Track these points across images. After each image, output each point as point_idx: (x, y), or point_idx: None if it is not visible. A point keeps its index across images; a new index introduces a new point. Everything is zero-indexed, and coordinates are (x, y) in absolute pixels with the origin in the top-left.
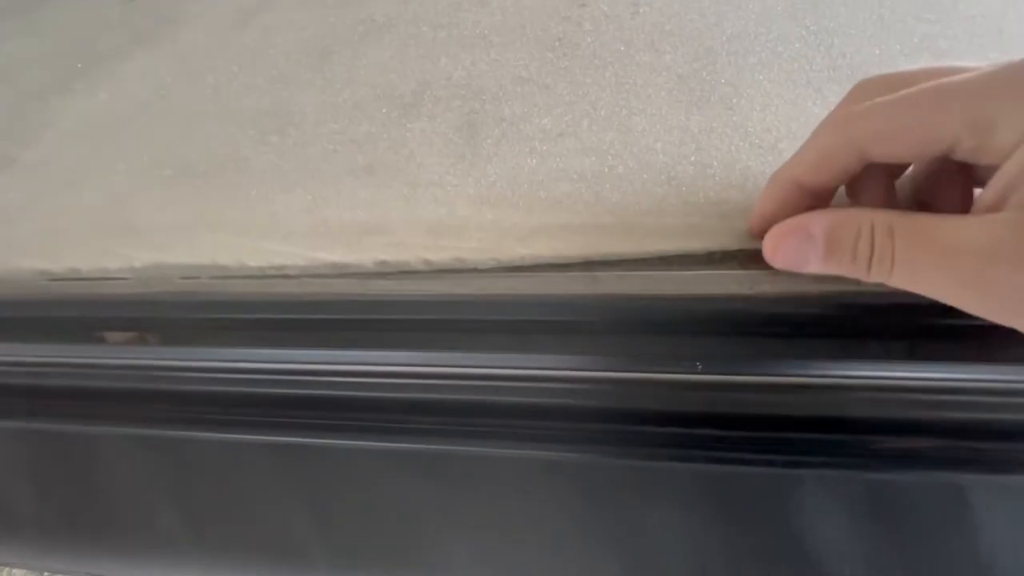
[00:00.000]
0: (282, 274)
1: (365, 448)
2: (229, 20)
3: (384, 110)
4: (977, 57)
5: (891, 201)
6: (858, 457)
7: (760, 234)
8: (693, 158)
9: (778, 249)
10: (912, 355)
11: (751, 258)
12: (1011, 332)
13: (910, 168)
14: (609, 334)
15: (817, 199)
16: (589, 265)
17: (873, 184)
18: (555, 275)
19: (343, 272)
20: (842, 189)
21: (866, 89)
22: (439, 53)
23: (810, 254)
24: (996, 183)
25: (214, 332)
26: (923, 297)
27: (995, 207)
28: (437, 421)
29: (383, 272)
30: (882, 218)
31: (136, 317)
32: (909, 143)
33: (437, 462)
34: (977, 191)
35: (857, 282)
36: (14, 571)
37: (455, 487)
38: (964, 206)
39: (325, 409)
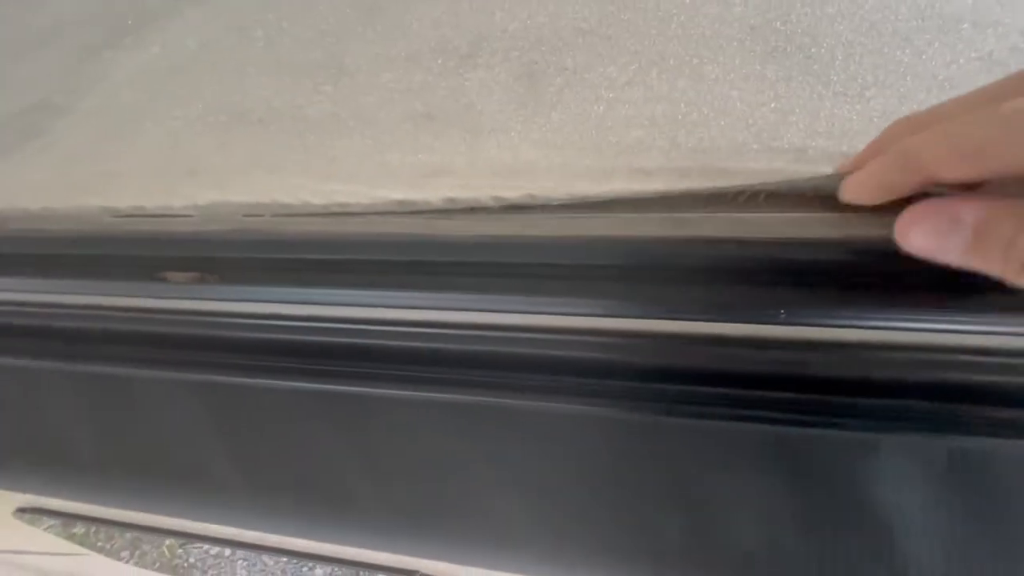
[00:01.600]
0: (346, 212)
1: (417, 398)
2: None
3: (440, 61)
4: None
5: None
6: (949, 423)
7: (855, 167)
8: (773, 105)
9: (913, 229)
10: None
11: (840, 203)
12: None
13: None
14: (688, 282)
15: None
16: (669, 205)
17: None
18: (632, 215)
19: (409, 209)
20: None
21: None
22: (493, 7)
23: (953, 242)
24: None
25: (276, 272)
26: None
27: None
28: (499, 375)
29: (450, 209)
30: None
31: (198, 256)
32: (981, 169)
33: (493, 415)
34: None
35: None
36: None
37: (519, 442)
38: None
39: (378, 360)
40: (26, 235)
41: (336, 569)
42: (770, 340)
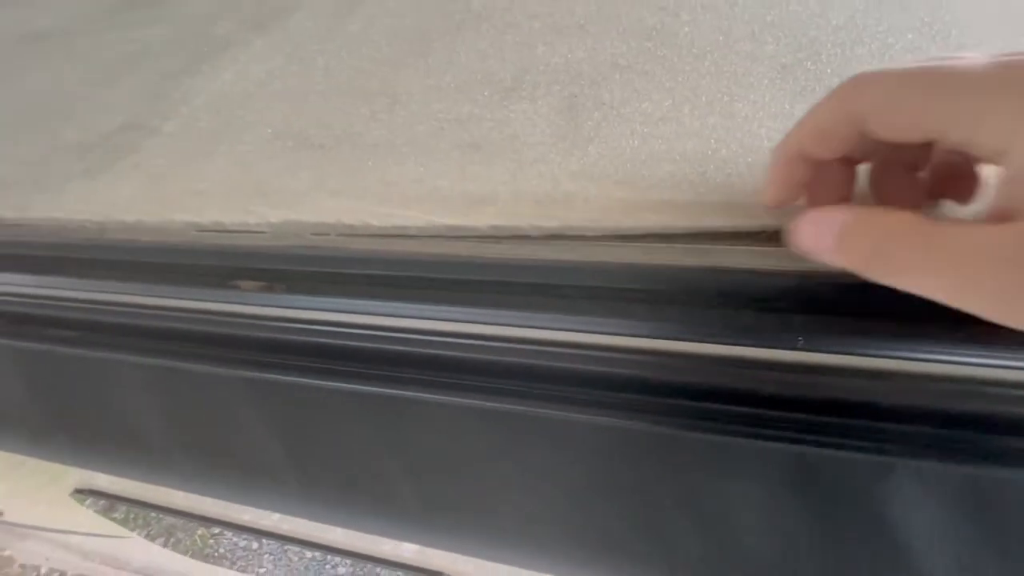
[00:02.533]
0: (403, 234)
1: (460, 404)
2: (334, 8)
3: (486, 93)
4: None
5: (911, 193)
6: (962, 452)
7: (773, 205)
8: None
9: (797, 233)
10: None
11: None
12: None
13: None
14: (709, 307)
15: (823, 169)
16: (696, 238)
17: (893, 175)
18: (661, 246)
19: (457, 235)
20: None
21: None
22: (536, 41)
23: (823, 247)
24: (1000, 192)
25: (339, 285)
26: None
27: (1006, 216)
28: (532, 385)
29: (496, 236)
30: (899, 223)
31: (269, 268)
32: (901, 124)
33: (525, 422)
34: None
35: None
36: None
37: (548, 449)
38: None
39: (425, 367)
40: (119, 244)
41: (358, 568)
42: (789, 364)
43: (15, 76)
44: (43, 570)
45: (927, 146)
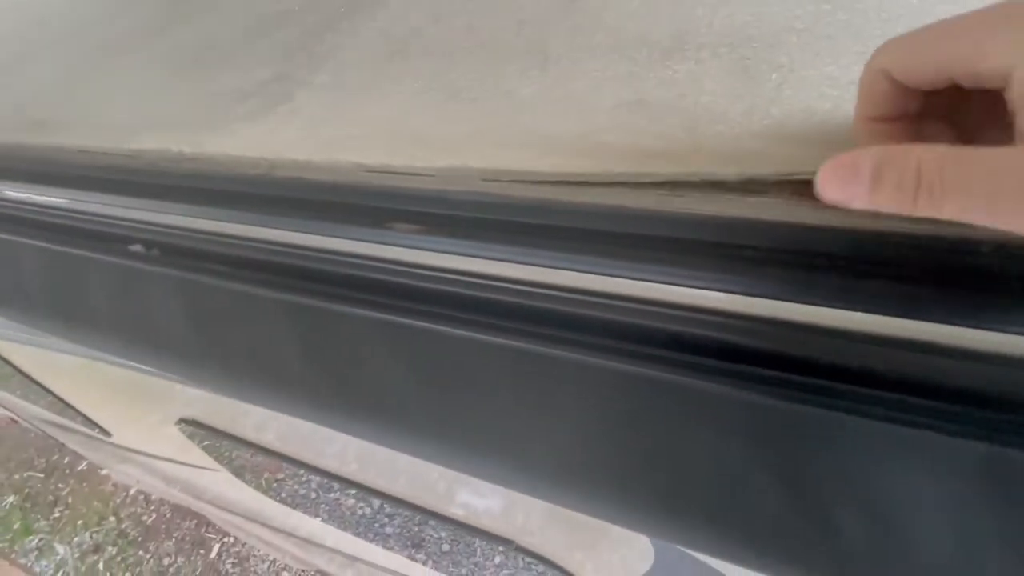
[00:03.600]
0: (579, 181)
1: (636, 372)
2: None
3: (644, 52)
4: None
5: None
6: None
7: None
8: None
9: (826, 185)
10: None
11: None
12: None
13: None
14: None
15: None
16: None
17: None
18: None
19: (638, 180)
20: None
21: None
22: (693, 3)
23: (856, 189)
24: (1020, 117)
25: (507, 233)
26: None
27: None
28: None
29: (675, 181)
30: (929, 150)
31: (433, 212)
32: (916, 65)
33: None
34: None
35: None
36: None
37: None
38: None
39: (588, 329)
40: (289, 180)
41: (404, 530)
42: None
43: (164, 29)
44: (132, 491)
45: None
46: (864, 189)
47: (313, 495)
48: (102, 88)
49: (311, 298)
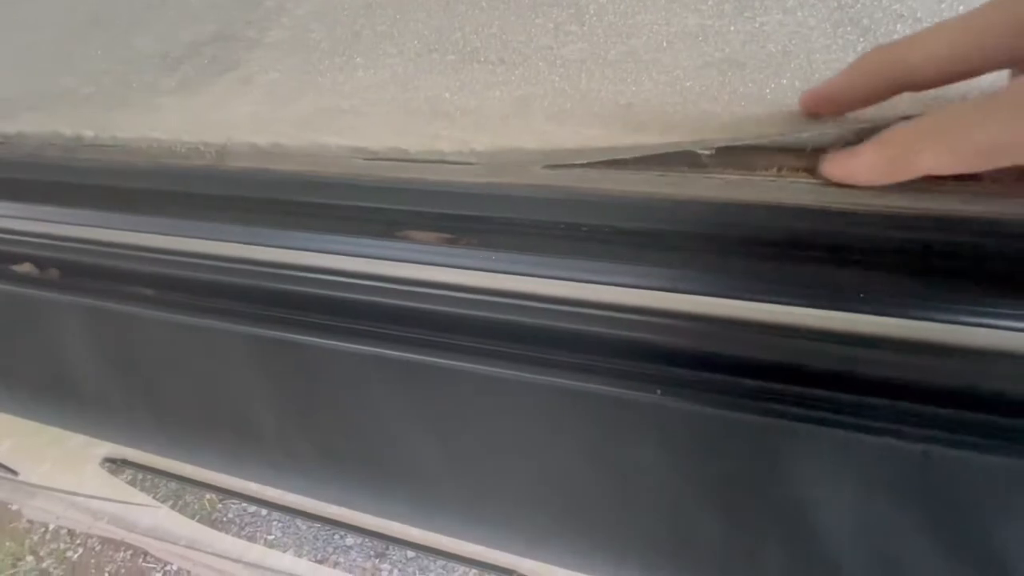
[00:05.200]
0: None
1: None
2: None
3: (710, 3)
4: None
5: None
6: None
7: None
8: None
9: (831, 164)
10: None
11: None
12: None
13: None
14: None
15: None
16: None
17: None
18: None
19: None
20: None
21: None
22: None
23: (869, 165)
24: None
25: (577, 242)
26: None
27: None
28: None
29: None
30: (944, 108)
31: (471, 214)
32: (940, 53)
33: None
34: None
35: None
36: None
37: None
38: None
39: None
40: (245, 174)
41: (367, 539)
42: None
43: None
44: (51, 527)
45: None
46: (875, 161)
47: (264, 512)
48: None
49: (284, 330)
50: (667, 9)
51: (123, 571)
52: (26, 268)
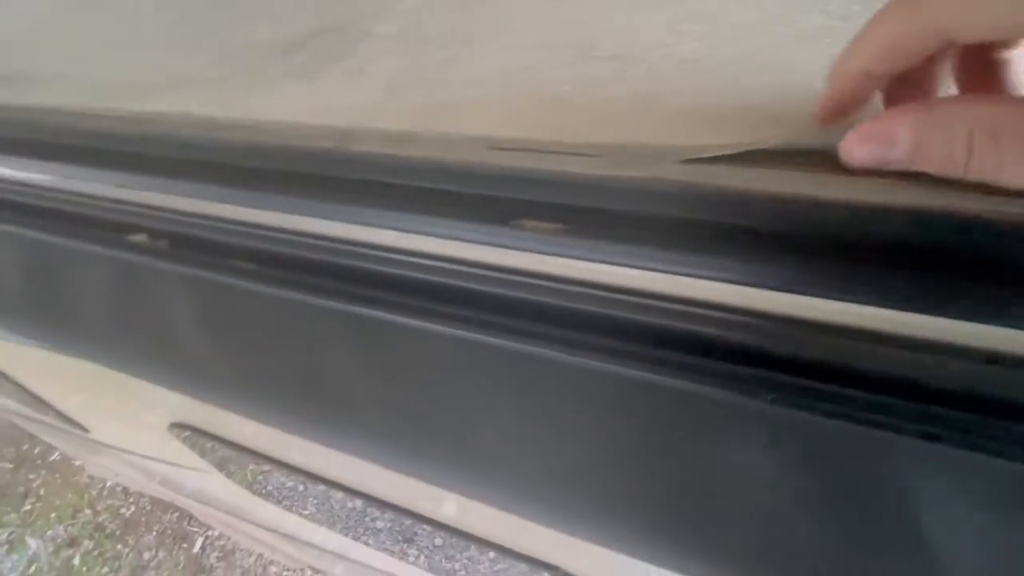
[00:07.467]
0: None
1: None
2: None
3: (836, 3)
4: None
5: (997, 84)
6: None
7: (830, 120)
8: None
9: (857, 150)
10: None
11: None
12: None
13: None
14: None
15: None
16: None
17: (975, 66)
18: None
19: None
20: None
21: None
22: None
23: (896, 155)
24: None
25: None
26: None
27: None
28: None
29: None
30: (984, 115)
31: (568, 204)
32: (985, 19)
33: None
34: None
35: None
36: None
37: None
38: None
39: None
40: (372, 161)
41: (396, 523)
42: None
43: None
44: (108, 483)
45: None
46: (905, 157)
47: (301, 487)
48: (95, 36)
49: (388, 312)
50: (797, 4)
51: (169, 531)
52: (140, 238)
